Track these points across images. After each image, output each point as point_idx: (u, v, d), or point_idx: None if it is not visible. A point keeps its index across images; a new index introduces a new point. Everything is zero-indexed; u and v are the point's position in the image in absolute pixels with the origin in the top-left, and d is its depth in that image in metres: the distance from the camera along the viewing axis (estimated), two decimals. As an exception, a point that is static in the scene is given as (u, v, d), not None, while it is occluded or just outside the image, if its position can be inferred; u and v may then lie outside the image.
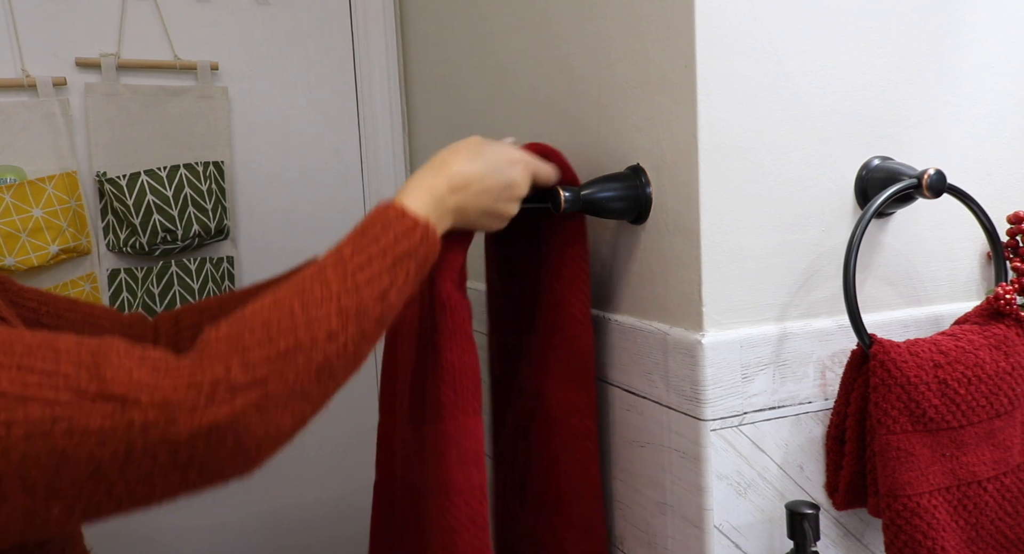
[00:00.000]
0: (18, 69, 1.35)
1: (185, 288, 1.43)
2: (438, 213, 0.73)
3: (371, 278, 0.64)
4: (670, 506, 0.83)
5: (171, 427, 0.54)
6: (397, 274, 0.66)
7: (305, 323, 0.60)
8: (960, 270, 0.91)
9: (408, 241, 0.68)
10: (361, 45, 1.59)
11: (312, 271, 0.64)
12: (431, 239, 0.70)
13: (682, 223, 0.80)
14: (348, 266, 0.64)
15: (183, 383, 0.55)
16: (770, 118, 0.79)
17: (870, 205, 0.76)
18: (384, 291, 0.65)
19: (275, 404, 0.57)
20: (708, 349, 0.77)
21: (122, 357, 0.56)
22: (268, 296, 0.62)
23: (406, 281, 0.67)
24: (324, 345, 0.60)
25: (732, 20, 0.76)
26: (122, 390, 0.54)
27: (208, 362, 0.57)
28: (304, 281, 0.63)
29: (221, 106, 1.48)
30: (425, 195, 0.72)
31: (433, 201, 0.72)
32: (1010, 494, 0.79)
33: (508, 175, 0.77)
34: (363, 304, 0.63)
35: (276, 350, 0.58)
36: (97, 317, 0.91)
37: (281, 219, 1.58)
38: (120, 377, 0.54)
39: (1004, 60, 0.90)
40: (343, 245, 0.67)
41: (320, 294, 0.62)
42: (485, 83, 1.22)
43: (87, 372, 0.54)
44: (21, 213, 1.31)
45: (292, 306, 0.61)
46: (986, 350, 0.78)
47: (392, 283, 0.66)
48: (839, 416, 0.82)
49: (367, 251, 0.66)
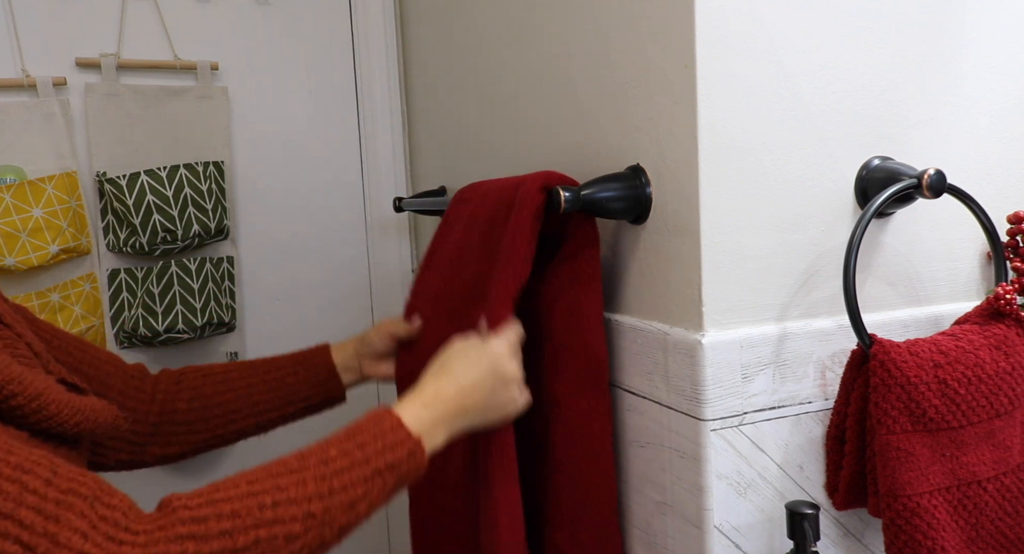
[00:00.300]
0: (18, 69, 1.35)
1: (185, 288, 1.43)
2: (432, 427, 0.74)
3: (347, 485, 0.66)
4: (670, 506, 0.83)
5: None
6: (373, 485, 0.67)
7: (270, 521, 0.61)
8: (960, 270, 0.91)
9: (393, 454, 0.69)
10: (361, 45, 1.59)
11: (296, 463, 0.66)
12: (418, 456, 0.71)
13: (682, 223, 0.80)
14: (329, 467, 0.66)
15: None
16: (770, 118, 0.79)
17: (870, 205, 0.76)
18: (355, 501, 0.66)
19: None
20: (708, 349, 0.77)
21: (85, 512, 0.56)
22: (244, 478, 0.63)
23: (381, 493, 0.68)
24: (281, 547, 0.61)
25: (732, 20, 0.76)
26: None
27: (165, 541, 0.57)
28: (285, 472, 0.64)
29: (221, 106, 1.48)
30: (419, 409, 0.74)
31: (429, 415, 0.74)
32: (1010, 494, 0.79)
33: (496, 368, 0.80)
34: (331, 512, 0.64)
35: (234, 545, 0.59)
36: (103, 362, 0.92)
37: (281, 219, 1.58)
38: (74, 541, 0.55)
39: (1004, 60, 0.90)
40: (332, 443, 0.68)
41: (294, 493, 0.63)
42: (485, 83, 1.22)
43: (43, 525, 0.54)
44: (21, 213, 1.31)
45: (264, 500, 0.62)
46: (986, 350, 0.78)
47: (366, 494, 0.67)
48: (839, 416, 0.82)
49: (351, 456, 0.67)
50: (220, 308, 1.46)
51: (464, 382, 0.78)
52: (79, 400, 0.72)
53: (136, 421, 0.93)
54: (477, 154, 1.29)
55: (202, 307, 1.43)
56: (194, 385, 0.98)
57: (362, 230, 1.63)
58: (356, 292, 1.65)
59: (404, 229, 1.65)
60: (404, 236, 1.65)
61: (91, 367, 0.90)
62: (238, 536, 0.59)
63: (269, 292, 1.58)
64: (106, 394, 0.90)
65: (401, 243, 1.65)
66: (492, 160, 1.23)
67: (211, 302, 1.44)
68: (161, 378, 0.98)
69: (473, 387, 0.78)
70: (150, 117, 1.43)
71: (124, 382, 0.93)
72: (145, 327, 1.39)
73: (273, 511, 0.61)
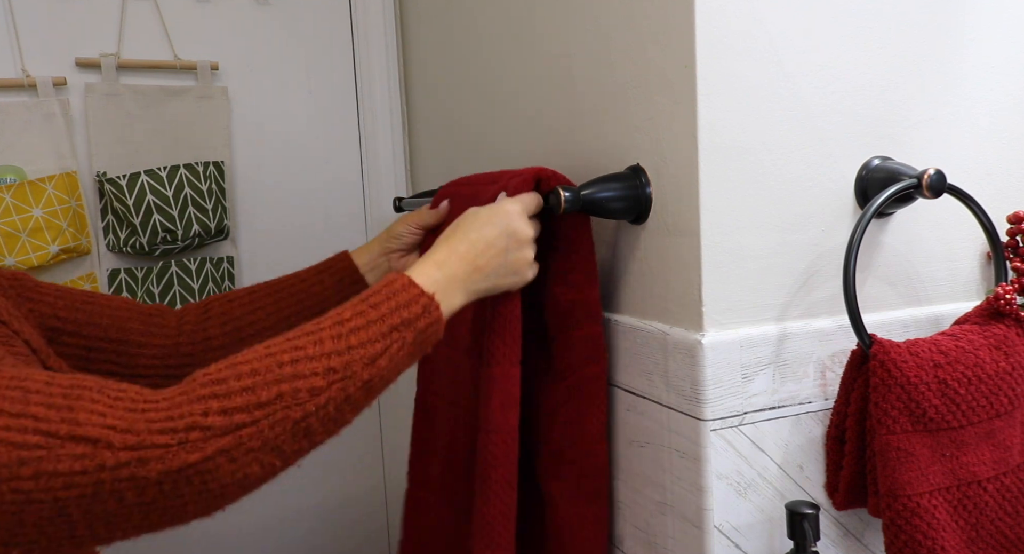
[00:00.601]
0: (18, 69, 1.35)
1: (185, 288, 1.43)
2: (446, 286, 0.73)
3: (364, 341, 0.65)
4: (670, 506, 0.83)
5: (142, 468, 0.54)
6: (392, 341, 0.67)
7: (291, 376, 0.61)
8: (960, 270, 0.91)
9: (408, 311, 0.69)
10: (361, 45, 1.59)
11: (311, 326, 0.65)
12: (433, 312, 0.70)
13: (682, 223, 0.80)
14: (344, 327, 0.65)
15: (157, 426, 0.55)
16: (770, 118, 0.79)
17: (870, 205, 0.76)
18: (375, 356, 0.65)
19: (247, 453, 0.58)
20: (708, 349, 0.77)
21: (95, 397, 0.56)
22: (262, 345, 0.63)
23: (400, 349, 0.67)
24: (306, 401, 0.61)
25: (732, 20, 0.76)
26: (95, 432, 0.54)
27: (188, 403, 0.57)
28: (300, 335, 0.64)
29: (221, 106, 1.48)
30: (432, 269, 0.74)
31: (443, 275, 0.74)
32: (1010, 494, 0.79)
33: (509, 227, 0.79)
34: (351, 367, 0.64)
35: (257, 399, 0.59)
36: (115, 308, 0.91)
37: (281, 219, 1.58)
38: (93, 419, 0.54)
39: (1004, 60, 0.90)
40: (346, 307, 0.68)
41: (311, 350, 0.63)
42: (485, 83, 1.22)
43: (58, 413, 0.54)
44: (21, 213, 1.31)
45: (281, 358, 0.62)
46: (986, 350, 0.78)
47: (385, 350, 0.66)
48: (839, 416, 0.82)
49: (366, 315, 0.67)
50: (220, 308, 1.46)
51: (477, 241, 0.77)
52: None
53: (166, 356, 0.93)
54: (477, 154, 1.29)
55: (202, 307, 1.43)
56: (223, 311, 0.97)
57: (362, 230, 1.63)
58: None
59: (404, 229, 1.65)
60: (404, 236, 1.65)
61: (104, 317, 0.89)
62: (260, 391, 0.59)
63: (269, 292, 1.58)
64: (127, 338, 0.90)
65: (401, 243, 1.65)
66: (492, 160, 1.23)
67: (211, 302, 1.44)
68: (186, 311, 0.98)
69: (487, 245, 0.77)
70: (150, 117, 1.43)
71: (143, 322, 0.92)
72: (145, 327, 1.39)
73: (293, 367, 0.61)
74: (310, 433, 0.62)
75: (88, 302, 0.89)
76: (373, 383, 0.65)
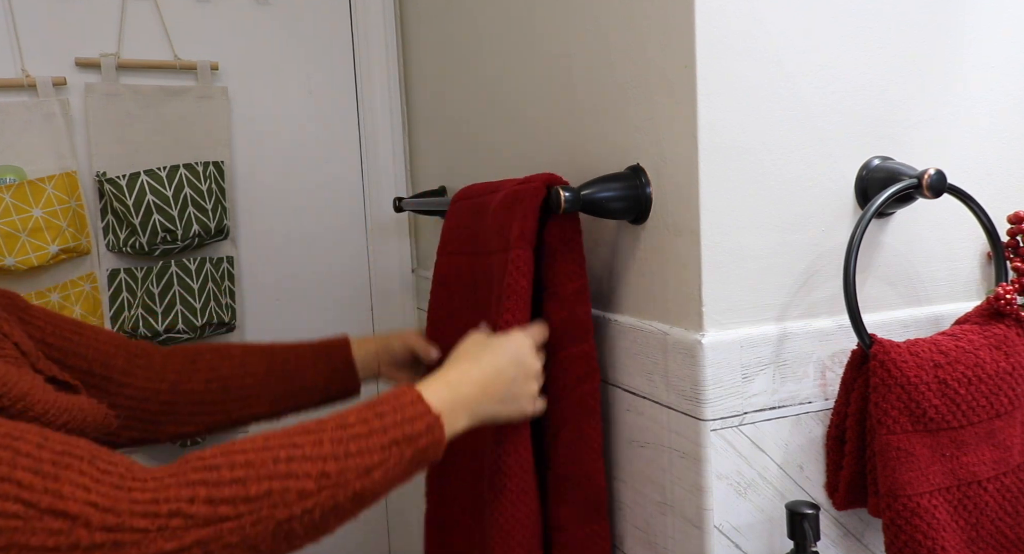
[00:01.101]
0: (18, 69, 1.35)
1: (185, 288, 1.43)
2: (454, 407, 0.73)
3: (363, 450, 0.65)
4: (670, 506, 0.83)
5: (116, 552, 0.53)
6: (390, 455, 0.66)
7: (284, 475, 0.60)
8: (960, 270, 0.91)
9: (412, 427, 0.68)
10: (361, 45, 1.59)
11: (314, 425, 0.65)
12: (436, 433, 0.70)
13: (682, 223, 0.80)
14: (346, 432, 0.65)
15: (140, 507, 0.54)
16: (770, 118, 0.79)
17: (870, 205, 0.76)
18: (370, 467, 0.65)
19: (223, 548, 0.57)
20: (708, 349, 0.77)
21: (84, 469, 0.55)
22: (262, 436, 0.63)
23: (397, 465, 0.67)
24: (293, 503, 0.60)
25: (732, 20, 0.76)
26: (75, 508, 0.53)
27: (176, 486, 0.56)
28: (302, 432, 0.64)
29: (221, 106, 1.48)
30: (443, 389, 0.74)
31: (452, 396, 0.74)
32: (1010, 494, 0.79)
33: (519, 357, 0.80)
34: (345, 475, 0.63)
35: (246, 493, 0.58)
36: (102, 342, 0.91)
37: (281, 219, 1.58)
38: (77, 493, 0.53)
39: (1004, 60, 0.90)
40: (352, 411, 0.68)
41: (310, 451, 0.62)
42: (485, 83, 1.22)
43: (42, 482, 0.53)
44: (21, 213, 1.31)
45: (278, 454, 0.61)
46: (986, 350, 0.78)
47: (382, 462, 0.66)
48: (839, 416, 0.82)
49: (370, 423, 0.66)
50: (220, 308, 1.46)
51: (488, 368, 0.77)
52: (66, 400, 0.71)
53: (144, 399, 0.92)
54: (477, 154, 1.29)
55: (202, 307, 1.43)
56: (212, 366, 0.97)
57: (362, 230, 1.63)
58: (356, 292, 1.65)
59: (404, 229, 1.65)
60: (404, 236, 1.65)
61: (90, 349, 0.89)
62: (251, 485, 0.58)
63: (269, 292, 1.58)
64: (109, 375, 0.89)
65: (401, 243, 1.65)
66: (492, 160, 1.23)
67: (211, 302, 1.44)
68: (172, 356, 0.97)
69: (497, 374, 0.78)
70: (150, 117, 1.43)
71: (127, 361, 0.92)
72: (145, 327, 1.39)
73: (287, 465, 0.60)
74: (291, 536, 0.61)
75: (76, 332, 0.89)
76: (364, 494, 0.65)
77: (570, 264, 0.87)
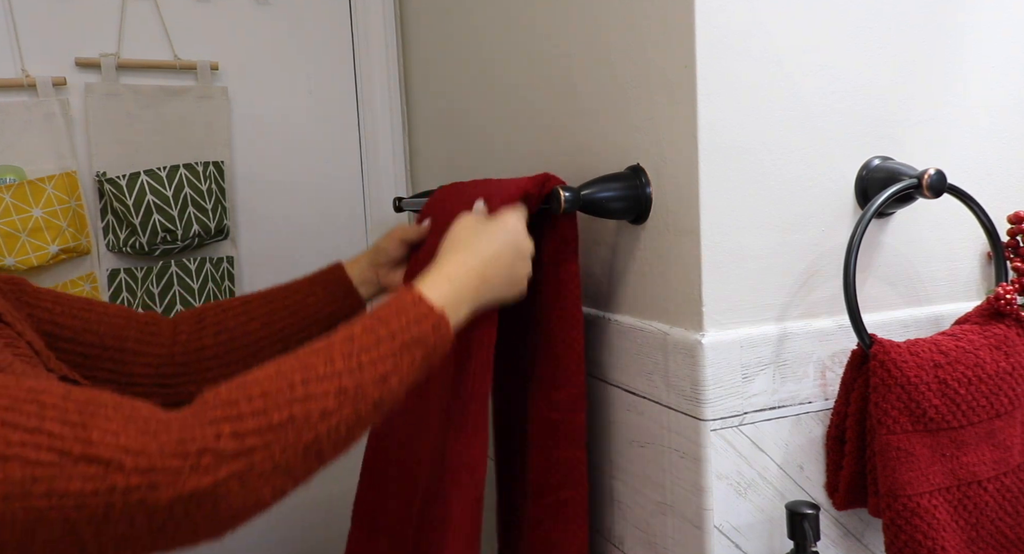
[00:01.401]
0: (18, 69, 1.35)
1: (185, 288, 1.43)
2: (456, 300, 0.73)
3: (375, 360, 0.65)
4: (670, 506, 0.83)
5: (153, 493, 0.53)
6: (402, 359, 0.66)
7: (303, 398, 0.60)
8: (960, 270, 0.91)
9: (419, 328, 0.68)
10: (361, 45, 1.59)
11: (322, 344, 0.65)
12: (443, 329, 0.70)
13: (682, 223, 0.80)
14: (355, 345, 0.65)
15: (170, 449, 0.55)
16: (770, 118, 0.79)
17: (870, 205, 0.76)
18: (385, 374, 0.65)
19: (258, 477, 0.57)
20: (708, 349, 0.77)
21: (110, 415, 0.55)
22: (273, 364, 0.63)
23: (410, 368, 0.67)
24: (317, 423, 0.60)
25: (732, 20, 0.76)
26: (107, 453, 0.53)
27: (199, 425, 0.57)
28: (311, 353, 0.64)
29: (221, 106, 1.48)
30: (443, 283, 0.73)
31: (453, 288, 0.73)
32: (1010, 494, 0.79)
33: (515, 239, 0.79)
34: (363, 386, 0.63)
35: (269, 422, 0.58)
36: (112, 316, 0.91)
37: (281, 219, 1.58)
38: (106, 439, 0.54)
39: (1004, 60, 0.90)
40: (356, 323, 0.68)
41: (323, 370, 0.62)
42: (485, 83, 1.22)
43: (72, 431, 0.53)
44: (21, 213, 1.31)
45: (293, 378, 0.61)
46: (986, 350, 0.78)
47: (395, 368, 0.66)
48: (839, 416, 0.82)
49: (376, 332, 0.66)
50: (220, 308, 1.46)
51: (486, 255, 0.77)
52: None
53: (161, 364, 0.93)
54: (477, 154, 1.29)
55: (202, 307, 1.43)
56: (216, 320, 0.97)
57: (362, 230, 1.63)
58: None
59: (404, 229, 1.64)
60: (404, 236, 1.64)
61: (101, 324, 0.89)
62: (272, 413, 0.58)
63: (269, 292, 1.58)
64: (123, 346, 0.90)
65: (401, 243, 1.64)
66: (492, 160, 1.23)
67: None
68: (180, 320, 0.98)
69: (495, 259, 0.77)
70: (150, 117, 1.43)
71: (139, 330, 0.93)
72: (145, 327, 1.39)
73: (304, 388, 0.60)
74: (321, 454, 0.61)
75: (86, 309, 0.89)
76: (384, 401, 0.65)
77: (569, 264, 0.87)
